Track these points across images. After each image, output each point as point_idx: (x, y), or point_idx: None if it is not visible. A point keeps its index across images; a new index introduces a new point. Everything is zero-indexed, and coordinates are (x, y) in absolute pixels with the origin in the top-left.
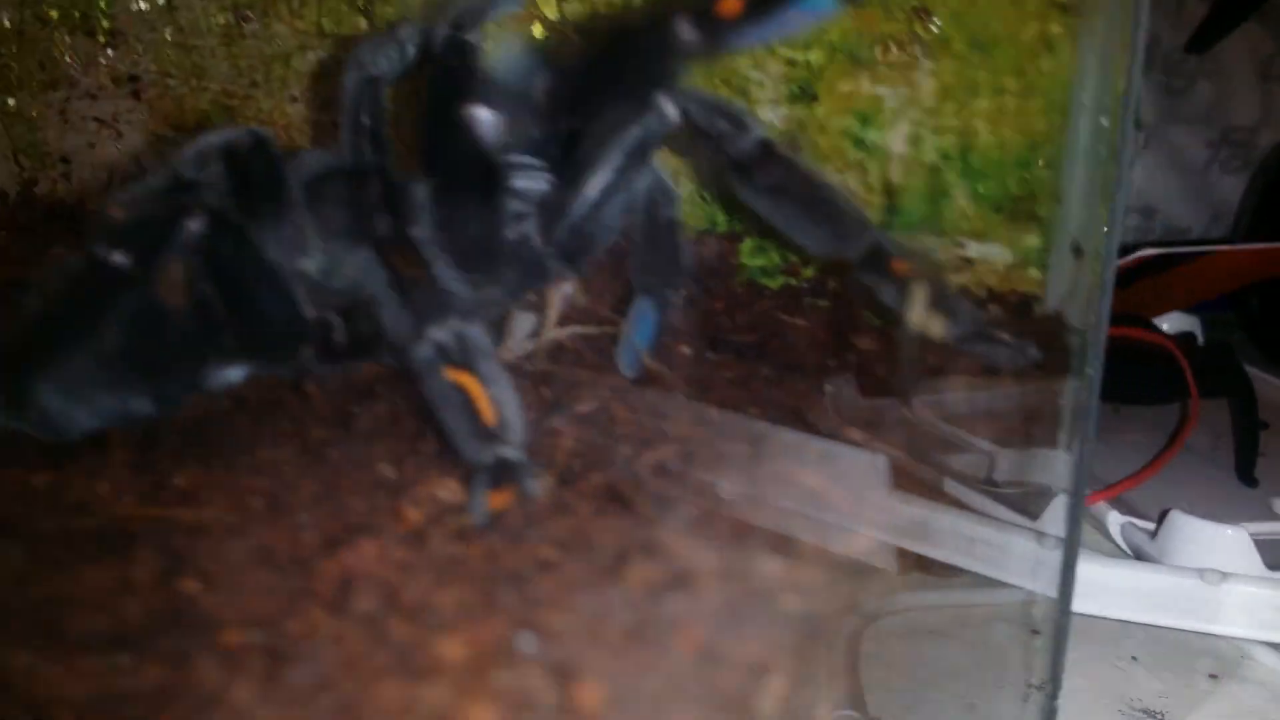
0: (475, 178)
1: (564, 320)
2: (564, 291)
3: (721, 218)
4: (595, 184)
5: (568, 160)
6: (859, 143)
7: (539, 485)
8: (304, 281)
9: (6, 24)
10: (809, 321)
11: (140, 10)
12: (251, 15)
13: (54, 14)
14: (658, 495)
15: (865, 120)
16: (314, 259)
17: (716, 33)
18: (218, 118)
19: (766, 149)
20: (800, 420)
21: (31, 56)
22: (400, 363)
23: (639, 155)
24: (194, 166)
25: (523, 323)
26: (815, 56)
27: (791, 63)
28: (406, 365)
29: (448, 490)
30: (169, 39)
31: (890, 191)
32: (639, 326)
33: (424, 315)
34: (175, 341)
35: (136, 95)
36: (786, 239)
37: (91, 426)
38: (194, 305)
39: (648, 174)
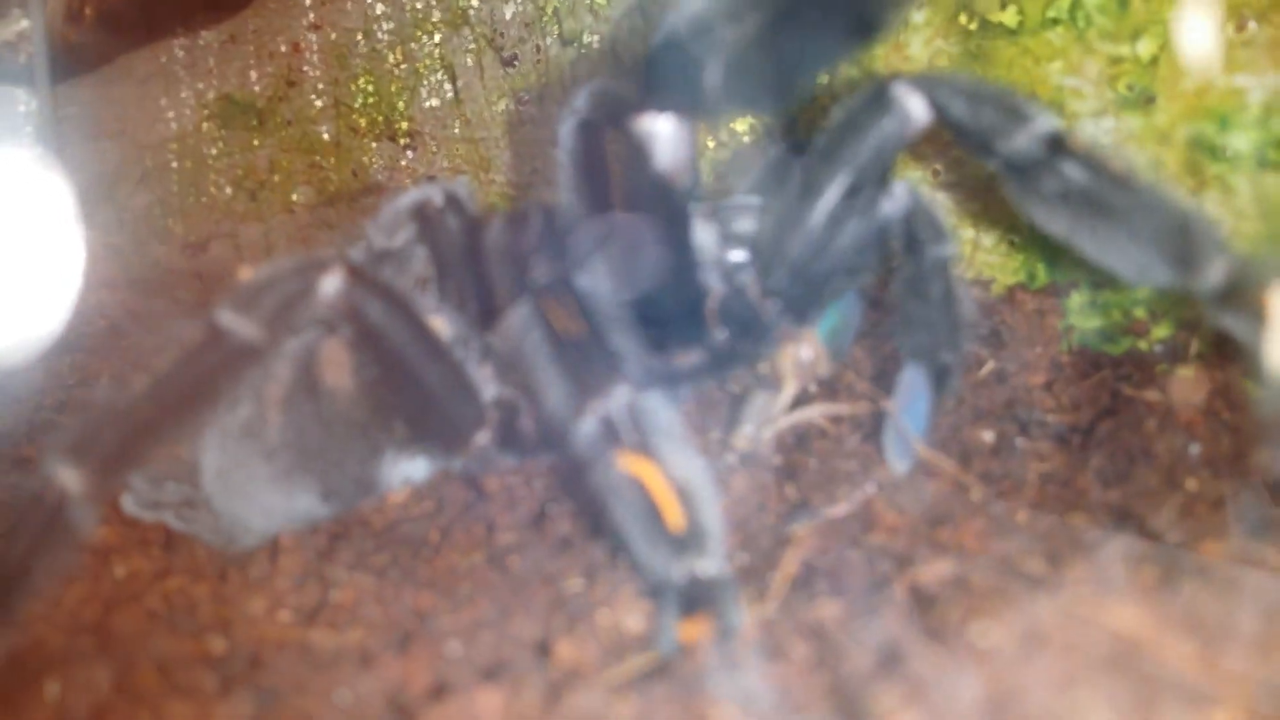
0: (655, 207)
1: (809, 397)
2: (801, 359)
3: (1041, 268)
4: (819, 211)
5: (781, 183)
6: (1217, 153)
7: (746, 614)
8: (492, 355)
9: (326, 137)
10: (1162, 396)
11: (433, 107)
12: (527, 98)
13: (363, 122)
14: (917, 636)
15: (1224, 122)
16: (502, 326)
17: None
18: (503, 209)
19: (1056, 145)
20: (1145, 532)
21: (347, 166)
22: (564, 449)
23: (874, 169)
24: (387, 232)
25: (757, 403)
26: (1146, 46)
27: (1115, 59)
28: (569, 451)
29: (638, 615)
30: (458, 133)
31: (1268, 214)
32: (910, 404)
33: (586, 384)
34: (342, 430)
35: None
36: (1103, 269)
37: (264, 530)
38: (360, 387)
39: (900, 198)
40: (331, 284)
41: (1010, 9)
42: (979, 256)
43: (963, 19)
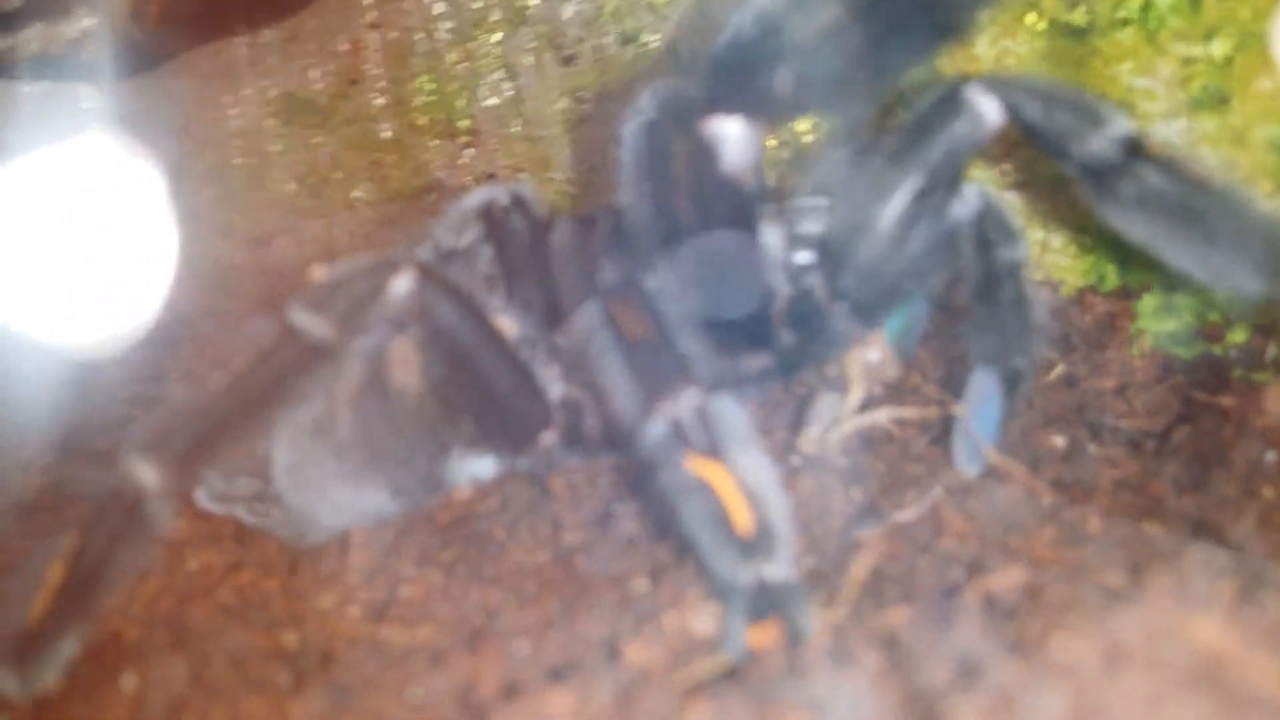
0: (722, 210)
1: (877, 400)
2: (869, 361)
3: (1112, 269)
4: (889, 213)
5: (850, 185)
6: None
7: (816, 619)
8: (558, 355)
9: (386, 134)
10: (1237, 401)
11: (492, 106)
12: (586, 96)
13: (423, 120)
14: (995, 648)
15: None
16: (569, 327)
17: None
18: (563, 207)
19: (1133, 148)
20: (1223, 542)
21: (408, 164)
22: (630, 450)
23: (946, 171)
24: (454, 232)
25: (825, 405)
26: (1220, 46)
27: (1188, 60)
28: (637, 453)
29: (706, 618)
30: (517, 132)
31: None
32: (980, 408)
33: (655, 386)
34: (410, 428)
35: None
36: (1183, 275)
37: (333, 525)
38: (429, 386)
39: (972, 200)
40: (403, 284)
41: (1079, 9)
42: (1048, 258)
43: (1030, 19)
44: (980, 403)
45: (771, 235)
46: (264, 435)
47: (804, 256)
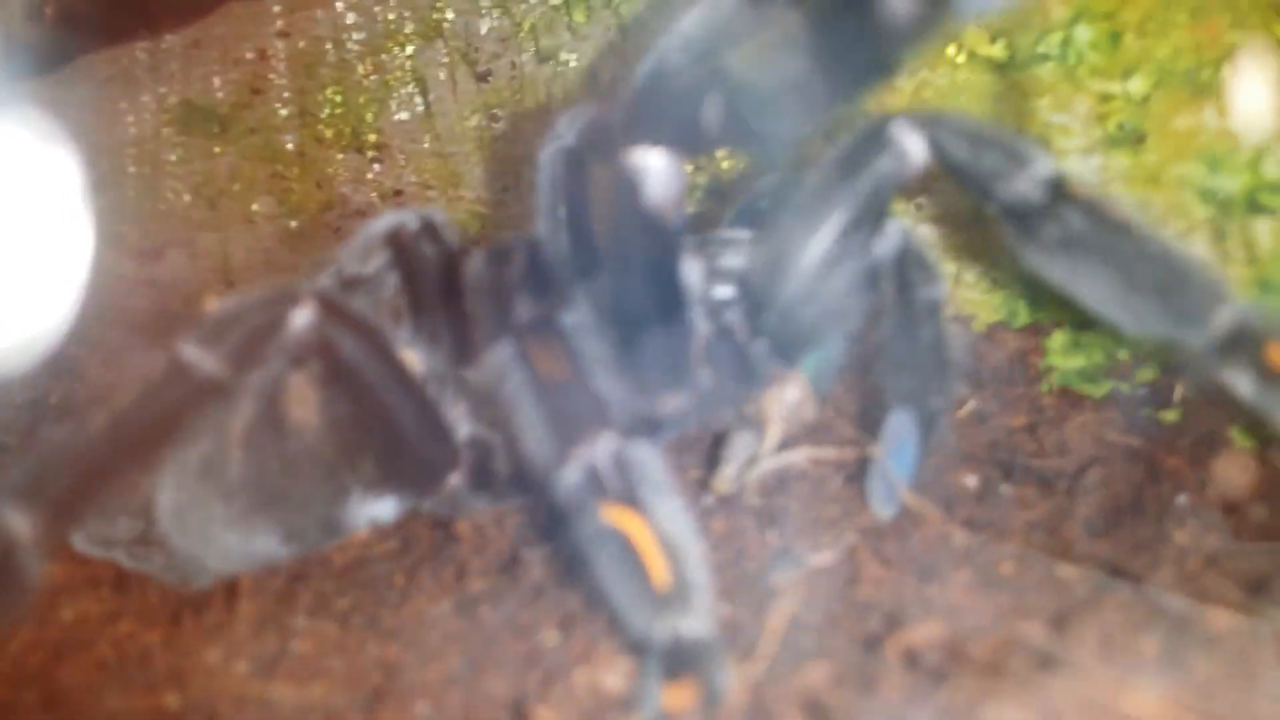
0: (644, 246)
1: (793, 440)
2: (787, 400)
3: (1023, 306)
4: (812, 251)
5: (772, 220)
6: (1207, 195)
7: (733, 677)
8: (467, 393)
9: (290, 147)
10: (1147, 441)
11: (402, 120)
12: (500, 114)
13: (329, 133)
14: (911, 709)
15: (1214, 164)
16: (480, 363)
17: None
18: (472, 227)
19: (1057, 190)
20: (1139, 590)
21: (311, 177)
22: (545, 497)
23: (870, 208)
24: (359, 258)
25: (740, 444)
26: (1138, 84)
27: (1106, 96)
28: (550, 500)
29: (618, 674)
30: (428, 148)
31: (1257, 259)
32: (896, 449)
33: (570, 430)
34: (306, 468)
35: None
36: (1101, 318)
37: (220, 570)
38: (327, 424)
39: (892, 238)
40: (303, 317)
41: (999, 43)
42: (960, 292)
43: (950, 51)
44: (896, 443)
45: (691, 270)
46: (148, 478)
47: (724, 291)
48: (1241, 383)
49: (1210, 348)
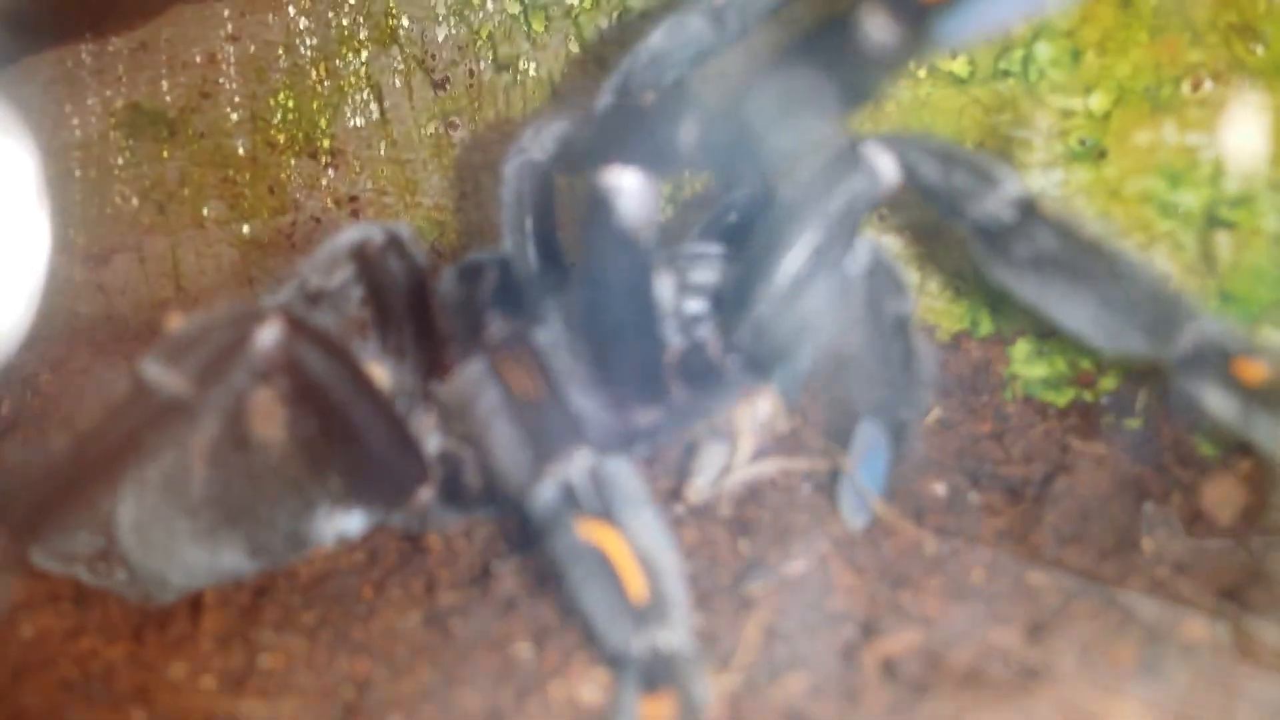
0: (617, 263)
1: (765, 451)
2: (759, 413)
3: (985, 316)
4: (786, 268)
5: (747, 238)
6: (1168, 209)
7: (711, 690)
8: (436, 406)
9: (241, 151)
10: (1112, 449)
11: (357, 126)
12: (459, 122)
13: (281, 138)
14: (889, 715)
15: (1174, 179)
16: (451, 379)
17: (918, 24)
18: (430, 233)
19: (1026, 209)
20: (1102, 588)
21: (263, 183)
22: (518, 511)
23: (842, 228)
24: (323, 272)
25: (712, 456)
26: (1099, 101)
27: (1067, 112)
28: (526, 517)
29: (594, 687)
30: (384, 154)
31: (1216, 271)
32: (867, 460)
33: (545, 446)
34: (272, 483)
35: (356, 215)
36: (1070, 334)
37: (184, 586)
38: (294, 439)
39: (863, 255)
40: (269, 335)
41: (961, 58)
42: (924, 302)
43: (911, 65)
44: (867, 455)
45: (663, 284)
46: (111, 496)
47: (696, 306)
48: (1210, 396)
49: (1180, 363)
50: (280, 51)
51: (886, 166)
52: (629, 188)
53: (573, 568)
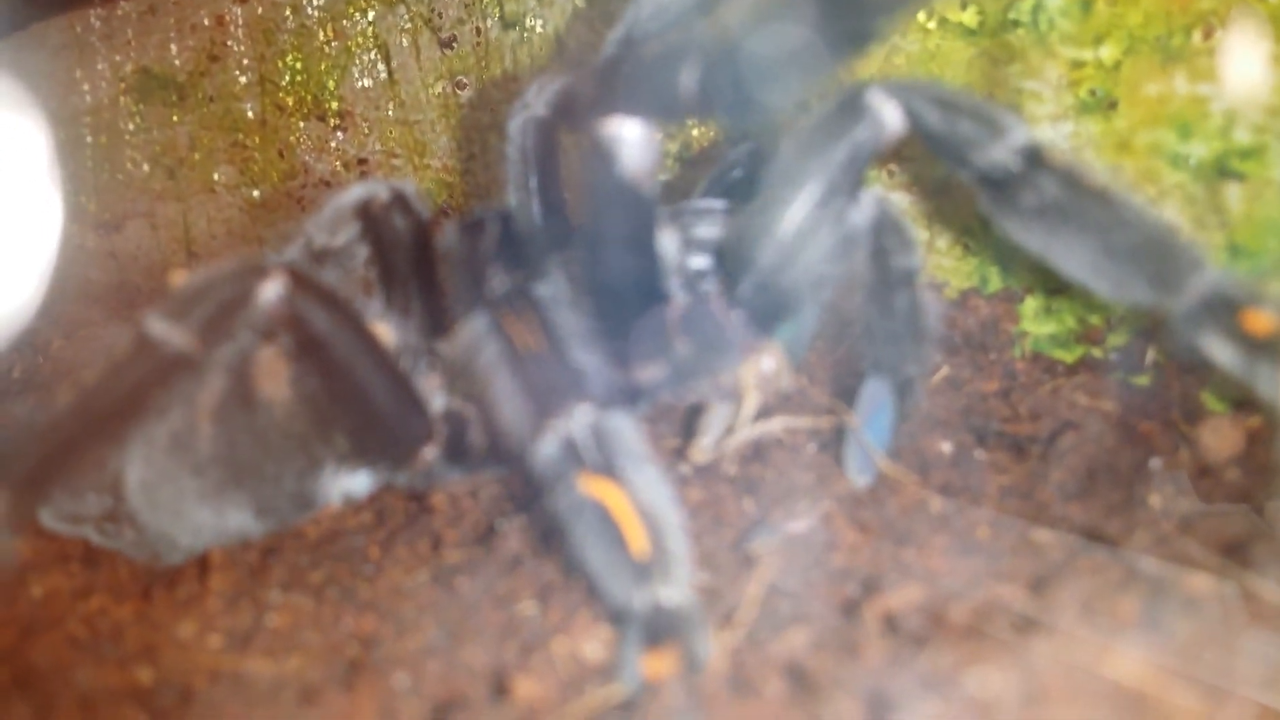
0: (620, 216)
1: (769, 409)
2: (763, 370)
3: (995, 272)
4: (788, 221)
5: (747, 190)
6: (1178, 161)
7: (713, 645)
8: (440, 365)
9: (250, 115)
10: (1119, 406)
11: (365, 88)
12: (466, 81)
13: (290, 100)
14: (908, 684)
15: (1185, 131)
16: (454, 335)
17: None
18: (439, 195)
19: (1033, 157)
20: (1113, 552)
21: (272, 146)
22: (522, 468)
23: (846, 178)
24: (328, 230)
25: (716, 414)
26: (1109, 51)
27: (1077, 63)
28: (527, 471)
29: (598, 643)
30: (392, 115)
31: (1227, 224)
32: (872, 416)
33: (547, 401)
34: (279, 442)
35: (365, 178)
36: (1078, 285)
37: (192, 546)
38: (300, 398)
39: (867, 207)
40: (272, 290)
41: (970, 9)
42: (932, 259)
43: (920, 17)
44: (872, 411)
45: (667, 239)
46: (117, 454)
47: (700, 261)
48: (1217, 348)
49: (1187, 314)
50: (288, 13)
51: (891, 114)
52: (630, 137)
53: (575, 523)
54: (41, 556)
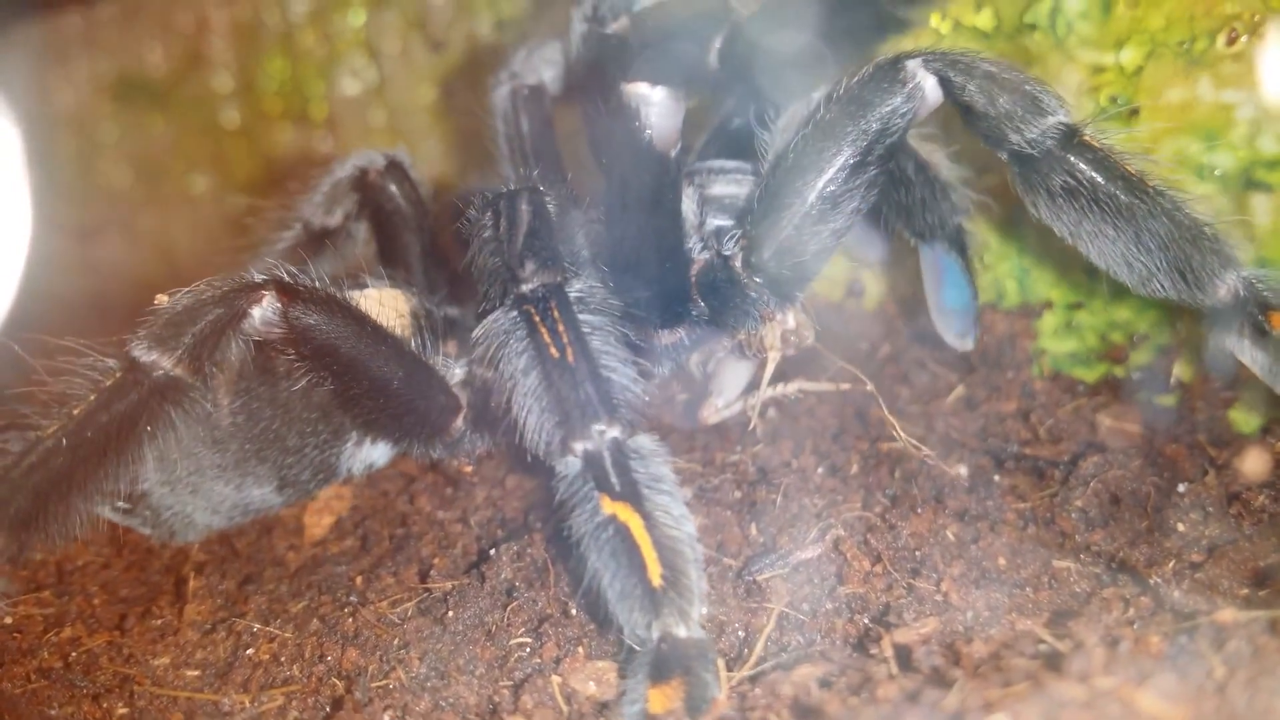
0: (646, 178)
1: (784, 373)
2: (785, 329)
3: (1013, 286)
4: (816, 187)
5: (775, 155)
6: (1204, 170)
7: (720, 683)
8: (454, 332)
9: (233, 121)
10: (1143, 427)
11: (353, 93)
12: (456, 86)
13: (274, 107)
14: (905, 705)
15: (1211, 138)
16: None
17: None
18: (431, 207)
19: (1068, 137)
20: (1132, 574)
21: (256, 153)
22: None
23: (878, 148)
24: (323, 209)
25: (732, 375)
26: (1131, 55)
27: (1097, 68)
28: (550, 491)
29: (594, 680)
30: (380, 121)
31: (1254, 237)
32: (946, 282)
33: (571, 419)
34: (302, 414)
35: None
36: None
37: (209, 524)
38: (315, 393)
39: None
40: (265, 309)
41: (985, 11)
42: None
43: (935, 20)
44: (942, 276)
45: (686, 198)
46: (114, 486)
47: (719, 220)
48: (1245, 350)
49: (1214, 312)
50: (272, 16)
51: (928, 85)
52: (656, 102)
53: (594, 545)
54: (12, 583)
